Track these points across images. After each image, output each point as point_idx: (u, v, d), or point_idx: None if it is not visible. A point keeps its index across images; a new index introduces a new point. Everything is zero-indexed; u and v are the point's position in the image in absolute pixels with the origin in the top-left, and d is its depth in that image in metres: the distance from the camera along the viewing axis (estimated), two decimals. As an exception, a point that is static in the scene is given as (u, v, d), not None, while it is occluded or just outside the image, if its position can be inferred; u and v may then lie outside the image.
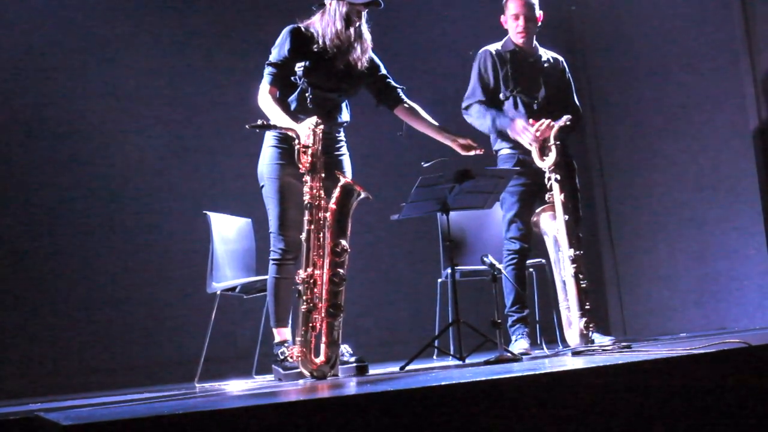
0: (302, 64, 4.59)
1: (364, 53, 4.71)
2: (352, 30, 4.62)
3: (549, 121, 5.18)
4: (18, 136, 6.24)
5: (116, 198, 6.42)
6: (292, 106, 4.64)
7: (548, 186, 5.10)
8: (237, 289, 5.32)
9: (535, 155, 5.17)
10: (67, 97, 6.37)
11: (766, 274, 6.43)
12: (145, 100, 6.60)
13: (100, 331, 6.23)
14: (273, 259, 4.66)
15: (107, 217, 6.38)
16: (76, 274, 6.24)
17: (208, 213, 5.46)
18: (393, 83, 4.92)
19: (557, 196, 5.07)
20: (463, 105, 5.47)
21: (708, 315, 6.90)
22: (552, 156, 5.11)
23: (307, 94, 4.60)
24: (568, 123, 5.17)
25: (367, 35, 4.71)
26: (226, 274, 5.35)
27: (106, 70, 6.50)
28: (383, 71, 4.91)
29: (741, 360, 3.45)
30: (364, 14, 4.65)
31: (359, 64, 4.70)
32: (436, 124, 4.95)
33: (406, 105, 4.93)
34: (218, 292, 5.29)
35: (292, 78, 4.63)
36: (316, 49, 4.62)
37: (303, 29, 4.67)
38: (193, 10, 6.75)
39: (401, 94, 4.94)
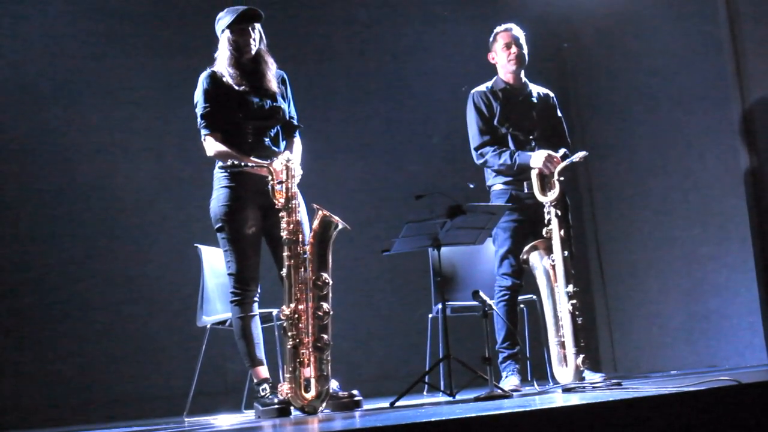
0: (227, 102, 4.61)
1: (268, 71, 4.71)
2: (248, 55, 4.65)
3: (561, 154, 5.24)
4: (9, 167, 6.24)
5: (107, 229, 6.42)
6: (233, 143, 4.60)
7: (547, 221, 5.11)
8: (227, 323, 5.29)
9: (536, 189, 5.17)
10: (59, 128, 6.39)
11: (757, 312, 6.41)
12: (137, 131, 6.62)
13: (90, 364, 6.21)
14: (233, 301, 4.61)
15: (98, 249, 6.37)
16: (65, 306, 6.22)
17: (198, 246, 5.44)
18: (293, 120, 4.85)
19: (556, 231, 5.07)
20: (474, 146, 5.40)
21: (698, 352, 6.88)
22: (555, 191, 5.12)
23: (244, 128, 4.61)
24: (581, 159, 5.18)
25: (267, 57, 4.74)
26: (217, 308, 5.33)
27: (98, 102, 6.53)
28: (288, 101, 4.87)
29: (731, 398, 3.45)
30: (255, 35, 4.68)
31: (271, 85, 4.71)
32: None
33: (292, 141, 4.85)
34: (208, 326, 5.27)
35: (223, 118, 4.62)
36: (228, 85, 4.63)
37: (216, 72, 4.68)
38: (185, 44, 6.76)
39: (296, 132, 4.87)
